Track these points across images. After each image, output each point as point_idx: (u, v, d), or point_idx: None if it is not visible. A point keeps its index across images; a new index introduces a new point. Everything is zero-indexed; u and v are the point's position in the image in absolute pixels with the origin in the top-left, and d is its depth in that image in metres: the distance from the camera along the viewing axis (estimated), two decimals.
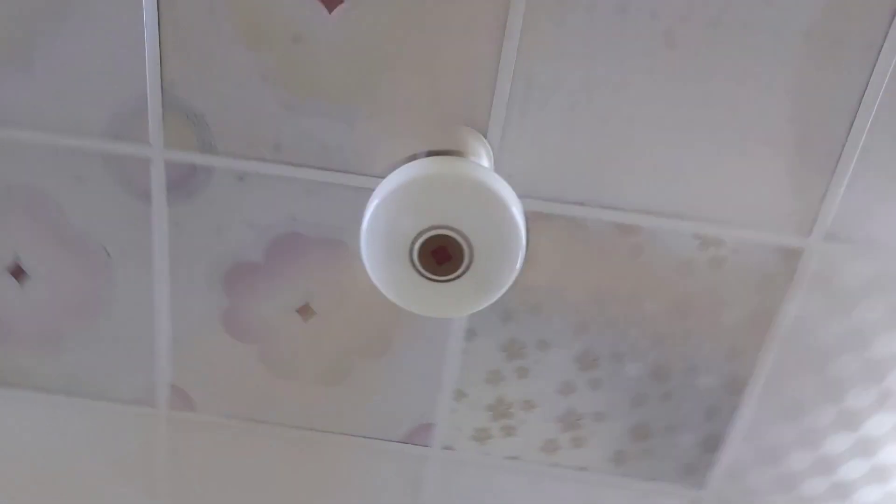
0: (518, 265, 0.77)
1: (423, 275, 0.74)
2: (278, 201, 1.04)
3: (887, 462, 1.18)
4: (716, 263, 1.06)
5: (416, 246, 0.74)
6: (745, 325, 1.09)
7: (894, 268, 1.03)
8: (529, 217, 0.92)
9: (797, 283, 1.06)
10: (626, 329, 1.11)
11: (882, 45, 0.91)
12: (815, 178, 1.00)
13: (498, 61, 0.95)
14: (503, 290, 0.77)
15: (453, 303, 0.77)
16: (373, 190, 1.02)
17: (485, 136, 1.00)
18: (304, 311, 1.12)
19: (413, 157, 1.00)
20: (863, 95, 0.94)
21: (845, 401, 1.13)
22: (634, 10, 0.91)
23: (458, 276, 0.74)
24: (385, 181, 0.80)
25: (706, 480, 1.22)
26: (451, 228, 0.75)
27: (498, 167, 1.01)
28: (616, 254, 1.06)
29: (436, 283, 0.75)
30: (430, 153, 0.99)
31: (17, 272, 1.13)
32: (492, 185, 0.79)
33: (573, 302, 1.09)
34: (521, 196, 0.87)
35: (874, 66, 0.92)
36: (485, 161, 1.00)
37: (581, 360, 1.14)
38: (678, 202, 1.03)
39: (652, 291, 1.08)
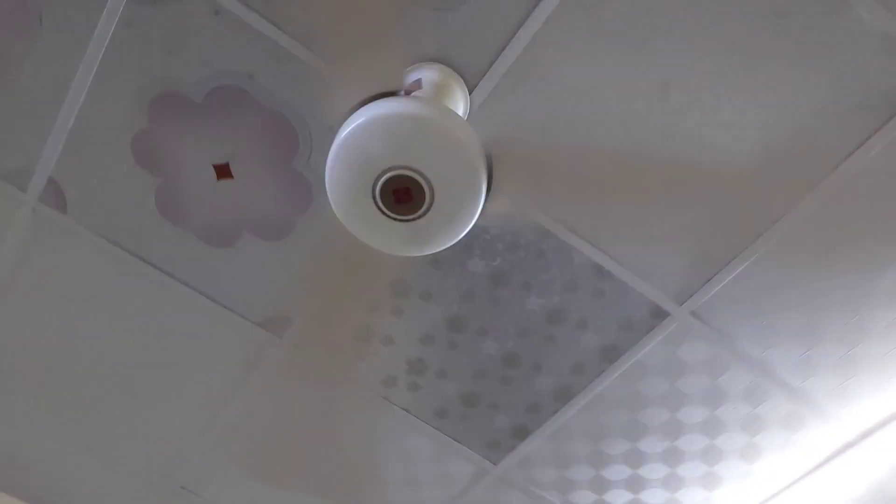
0: (475, 218, 0.80)
1: (381, 210, 0.75)
2: (245, 54, 0.99)
3: (645, 502, 1.39)
4: (598, 293, 1.17)
5: (381, 182, 0.75)
6: (596, 351, 1.22)
7: (726, 361, 1.20)
8: None
9: (652, 336, 1.19)
10: (502, 313, 1.19)
11: (811, 192, 1.03)
12: (710, 262, 1.12)
13: (514, 34, 0.95)
14: (456, 239, 0.80)
15: (404, 242, 0.78)
16: (343, 93, 1.01)
17: (470, 92, 1.01)
18: (221, 169, 1.08)
19: (392, 92, 0.98)
20: (777, 221, 1.06)
21: (639, 442, 1.31)
22: (652, 50, 0.95)
23: (416, 218, 0.76)
24: (363, 109, 0.79)
25: (501, 459, 1.36)
26: (416, 171, 0.77)
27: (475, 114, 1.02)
28: (524, 248, 1.13)
29: (391, 220, 0.76)
30: (410, 89, 0.98)
31: None
32: (464, 137, 0.80)
33: (472, 272, 1.16)
34: None
35: (799, 203, 1.05)
36: (461, 110, 1.01)
37: (451, 323, 1.21)
38: (595, 228, 1.11)
39: (539, 293, 1.17)
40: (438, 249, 0.81)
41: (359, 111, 0.78)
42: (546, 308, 1.18)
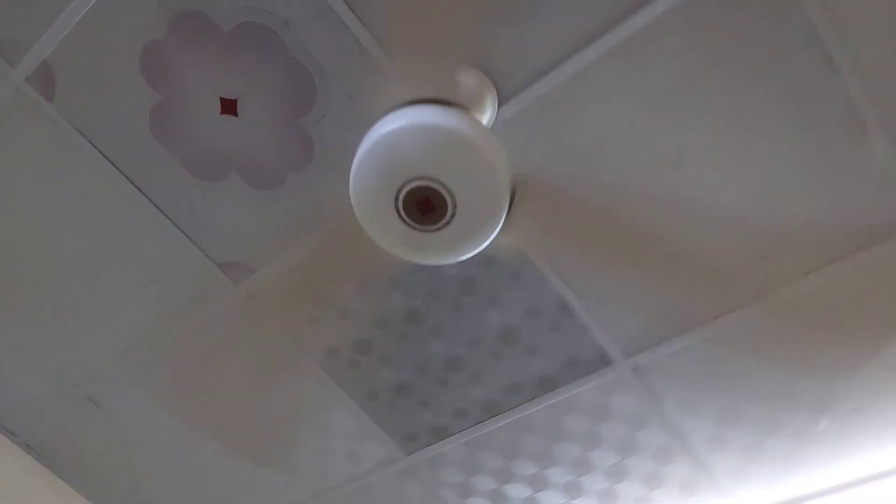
0: (487, 241, 0.80)
1: (400, 215, 0.75)
2: None
3: None
4: (556, 327, 1.20)
5: (406, 188, 0.74)
6: (536, 379, 1.26)
7: (648, 418, 1.26)
8: None
9: (590, 379, 1.24)
10: (461, 318, 1.21)
11: (774, 292, 1.10)
12: (664, 328, 1.18)
13: (561, 63, 0.96)
14: (462, 258, 0.80)
15: (410, 248, 0.78)
16: (376, 60, 0.98)
17: (500, 105, 1.00)
18: (228, 104, 1.04)
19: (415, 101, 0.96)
20: (736, 310, 1.13)
21: (546, 469, 1.36)
22: (679, 119, 0.98)
23: (431, 231, 0.76)
24: (403, 111, 0.77)
25: (414, 451, 1.39)
26: (444, 186, 0.76)
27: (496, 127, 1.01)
28: (501, 265, 1.15)
29: (406, 226, 0.76)
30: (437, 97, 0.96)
31: None
32: (498, 163, 0.80)
33: (446, 273, 1.16)
34: None
35: (760, 299, 1.11)
36: (486, 119, 1.00)
37: (410, 315, 1.21)
38: (572, 268, 1.14)
39: (501, 309, 1.19)
40: (441, 263, 0.81)
41: (398, 113, 0.76)
42: (503, 326, 1.21)
